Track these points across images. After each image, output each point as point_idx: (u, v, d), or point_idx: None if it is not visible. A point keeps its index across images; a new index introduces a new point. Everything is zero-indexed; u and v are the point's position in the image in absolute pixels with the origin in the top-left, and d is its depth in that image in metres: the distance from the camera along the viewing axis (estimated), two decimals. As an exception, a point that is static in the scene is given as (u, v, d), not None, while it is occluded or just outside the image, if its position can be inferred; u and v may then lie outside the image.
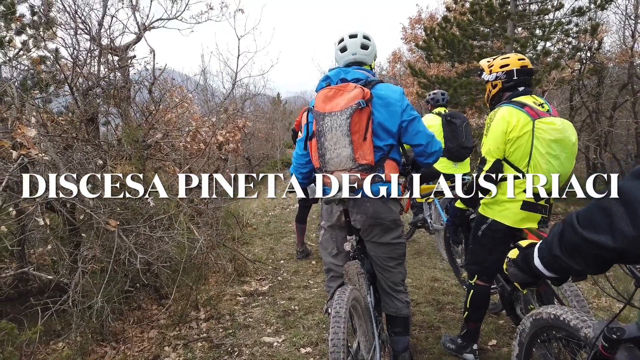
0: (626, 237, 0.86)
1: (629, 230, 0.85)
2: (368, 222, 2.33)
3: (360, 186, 2.23)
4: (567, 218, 1.04)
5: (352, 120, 2.14)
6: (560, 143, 2.42)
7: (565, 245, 1.03)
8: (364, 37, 2.45)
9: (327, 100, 2.23)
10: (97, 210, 2.98)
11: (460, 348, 2.88)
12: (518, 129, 2.44)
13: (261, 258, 5.32)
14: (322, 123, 2.21)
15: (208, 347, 3.32)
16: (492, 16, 10.21)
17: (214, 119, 6.46)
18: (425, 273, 4.62)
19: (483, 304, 2.80)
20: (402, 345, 2.46)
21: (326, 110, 2.20)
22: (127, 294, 3.77)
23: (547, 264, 1.13)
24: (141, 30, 5.19)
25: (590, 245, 0.94)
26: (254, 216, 8.73)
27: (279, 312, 3.80)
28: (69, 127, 3.59)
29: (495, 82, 2.68)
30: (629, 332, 1.30)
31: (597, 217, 0.93)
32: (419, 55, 14.19)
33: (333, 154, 2.21)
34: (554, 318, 1.76)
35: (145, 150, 4.32)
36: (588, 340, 1.55)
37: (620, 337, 1.29)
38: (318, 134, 2.23)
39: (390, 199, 2.34)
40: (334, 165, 2.23)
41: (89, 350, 3.45)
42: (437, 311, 3.69)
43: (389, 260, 2.43)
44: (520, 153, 2.48)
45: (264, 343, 3.28)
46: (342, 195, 2.19)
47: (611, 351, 1.33)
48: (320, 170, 2.31)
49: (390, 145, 2.32)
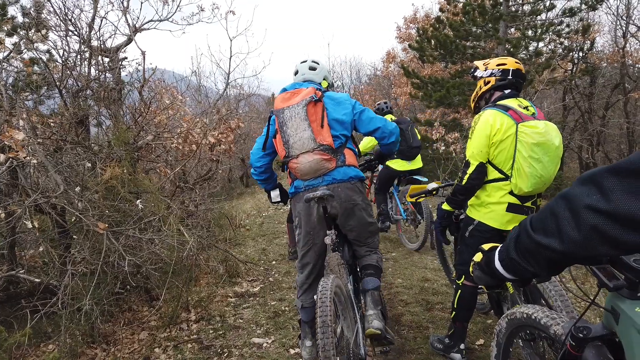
0: (572, 241, 0.91)
1: (574, 234, 0.90)
2: (344, 206, 2.61)
3: (330, 169, 2.59)
4: (523, 222, 1.08)
5: (307, 110, 2.55)
6: (542, 146, 2.43)
7: (520, 248, 1.08)
8: (312, 61, 2.95)
9: (284, 101, 2.65)
10: (86, 212, 2.99)
11: (447, 348, 2.90)
12: (502, 133, 2.46)
13: (253, 259, 5.34)
14: (282, 116, 2.59)
15: (198, 349, 3.33)
16: (484, 17, 10.26)
17: (206, 120, 6.47)
18: (416, 273, 4.65)
19: (470, 304, 2.82)
20: (372, 284, 2.67)
21: (284, 106, 2.60)
22: (117, 295, 3.78)
23: (506, 267, 1.17)
24: (132, 32, 5.20)
25: (541, 248, 0.99)
26: (248, 217, 8.75)
27: (269, 313, 3.82)
28: (58, 129, 3.59)
29: (489, 78, 2.67)
30: (595, 331, 1.34)
31: (548, 221, 0.97)
32: (413, 55, 14.23)
33: (295, 138, 2.56)
34: (527, 317, 1.79)
35: (136, 152, 4.33)
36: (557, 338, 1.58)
37: (587, 336, 1.33)
38: (280, 127, 2.60)
39: (358, 182, 2.69)
40: (298, 149, 2.56)
41: (79, 352, 3.45)
42: (426, 311, 3.72)
43: (366, 237, 2.79)
44: (504, 156, 2.50)
45: (253, 344, 3.30)
46: (320, 194, 2.44)
47: (578, 349, 1.36)
48: (287, 157, 2.61)
49: (345, 136, 2.68)
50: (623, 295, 1.23)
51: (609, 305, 1.29)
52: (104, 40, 4.64)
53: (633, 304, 1.19)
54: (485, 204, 2.62)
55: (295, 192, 2.73)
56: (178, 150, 4.91)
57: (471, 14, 10.48)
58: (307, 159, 2.55)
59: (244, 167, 16.86)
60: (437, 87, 11.16)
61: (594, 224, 0.86)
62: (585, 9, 10.28)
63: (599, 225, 0.86)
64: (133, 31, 5.27)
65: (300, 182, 2.69)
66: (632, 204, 0.81)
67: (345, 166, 2.64)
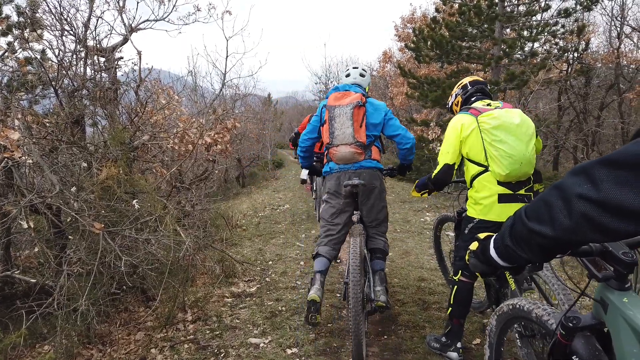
0: (563, 227, 0.97)
1: (565, 221, 0.96)
2: (366, 187, 3.30)
3: (359, 160, 3.28)
4: (518, 211, 1.14)
5: (353, 112, 3.22)
6: (501, 128, 2.63)
7: (514, 236, 1.14)
8: (362, 69, 3.61)
9: (336, 100, 3.31)
10: (82, 213, 2.98)
11: (444, 347, 2.92)
12: (466, 128, 2.72)
13: (250, 259, 5.33)
14: (332, 111, 3.27)
15: (194, 349, 3.32)
16: (480, 17, 10.29)
17: (202, 120, 6.45)
18: (412, 273, 4.66)
19: (466, 300, 2.85)
20: (380, 266, 3.38)
21: (336, 104, 3.27)
22: (113, 296, 3.76)
23: (501, 254, 1.23)
24: (128, 31, 5.18)
25: (534, 235, 1.05)
26: (244, 217, 8.73)
27: (266, 313, 3.82)
28: (54, 129, 3.57)
29: (457, 99, 3.10)
30: (584, 321, 1.40)
31: (541, 210, 1.03)
32: (410, 55, 14.25)
33: (339, 132, 3.24)
34: (513, 308, 1.86)
35: (132, 152, 4.31)
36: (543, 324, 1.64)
37: (576, 326, 1.39)
38: (329, 120, 3.28)
39: (378, 172, 3.37)
40: (340, 140, 3.25)
41: (74, 353, 3.44)
42: (423, 311, 3.73)
43: (379, 222, 3.46)
44: (476, 149, 2.71)
45: (250, 344, 3.29)
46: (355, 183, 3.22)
47: (568, 339, 1.42)
48: (329, 144, 3.31)
49: (375, 136, 3.37)
50: (611, 287, 1.28)
51: (598, 296, 1.34)
52: (99, 40, 4.62)
53: (621, 295, 1.25)
54: (478, 201, 2.73)
55: (329, 171, 3.41)
56: (174, 151, 4.89)
57: (467, 14, 10.51)
58: (345, 149, 3.25)
59: (240, 168, 16.85)
60: (433, 87, 11.17)
61: (584, 211, 0.92)
62: (580, 10, 10.32)
63: (589, 213, 0.91)
64: (129, 31, 5.26)
65: (334, 164, 3.36)
66: (621, 194, 0.86)
67: (371, 159, 3.33)
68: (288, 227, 7.21)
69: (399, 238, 6.27)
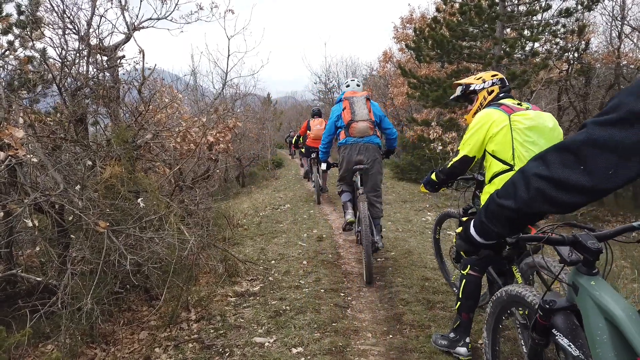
0: (522, 200, 1.19)
1: (524, 195, 1.18)
2: (371, 158, 4.70)
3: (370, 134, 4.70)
4: (492, 193, 1.35)
5: (366, 101, 4.77)
6: (535, 130, 2.60)
7: (487, 213, 1.35)
8: (358, 81, 5.17)
9: (352, 94, 4.84)
10: (87, 211, 2.96)
11: (452, 342, 2.92)
12: (497, 125, 2.67)
13: (252, 258, 5.32)
14: (352, 100, 4.74)
15: (199, 348, 3.31)
16: (480, 17, 10.28)
17: (204, 119, 6.44)
18: (416, 272, 4.65)
19: (474, 294, 2.87)
20: (378, 222, 4.92)
21: (353, 96, 4.78)
22: (116, 295, 3.74)
23: (478, 231, 1.43)
24: (130, 30, 5.16)
25: (502, 209, 1.27)
26: (245, 216, 8.71)
27: (270, 312, 3.80)
28: (57, 127, 3.55)
29: (492, 87, 2.96)
30: (559, 303, 1.60)
31: (509, 188, 1.25)
32: (410, 55, 14.23)
33: (359, 112, 4.68)
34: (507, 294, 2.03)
35: (135, 150, 4.30)
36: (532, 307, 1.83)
37: (552, 307, 1.59)
38: (350, 105, 4.71)
39: (378, 147, 4.82)
40: (360, 117, 4.66)
41: (78, 352, 3.42)
42: (428, 310, 3.72)
43: (376, 189, 4.84)
44: (503, 147, 2.66)
45: (255, 343, 3.28)
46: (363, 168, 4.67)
47: (546, 319, 1.62)
48: (351, 121, 4.66)
49: (377, 123, 4.85)
50: (581, 272, 1.47)
51: (570, 281, 1.53)
52: (102, 39, 4.60)
53: (589, 279, 1.44)
54: None
55: (345, 142, 4.76)
56: (177, 150, 4.88)
57: (468, 14, 10.50)
58: (363, 124, 4.65)
59: (240, 167, 16.83)
60: (434, 87, 11.17)
61: (538, 186, 1.14)
62: (580, 10, 10.32)
63: (541, 188, 1.14)
64: (132, 29, 5.24)
65: (350, 137, 4.70)
66: (565, 172, 1.09)
67: (376, 136, 4.80)
68: (290, 227, 7.19)
69: (401, 237, 6.26)
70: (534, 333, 1.71)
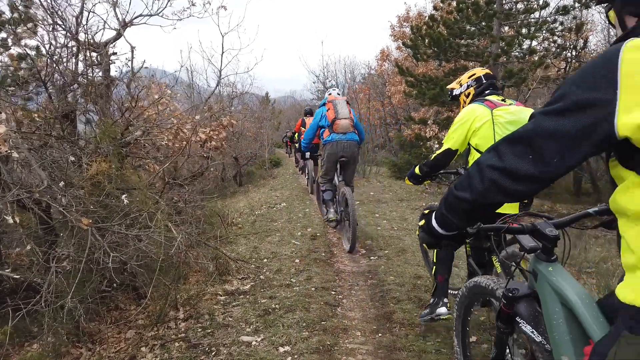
0: (477, 191, 1.23)
1: (479, 186, 1.22)
2: (350, 153, 5.65)
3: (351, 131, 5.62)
4: (451, 185, 1.41)
5: (346, 103, 5.72)
6: (516, 124, 2.68)
7: (446, 205, 1.38)
8: (339, 90, 6.22)
9: (334, 98, 5.73)
10: (70, 208, 2.91)
11: (433, 307, 3.00)
12: (480, 119, 2.77)
13: (244, 257, 5.27)
14: (335, 103, 5.66)
15: (185, 347, 3.26)
16: (478, 15, 10.22)
17: (197, 117, 6.38)
18: (409, 270, 4.60)
19: (448, 258, 3.02)
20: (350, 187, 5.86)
21: (336, 99, 5.71)
22: (103, 294, 3.70)
23: (439, 223, 1.45)
24: (121, 26, 5.11)
25: (459, 200, 1.31)
26: (240, 215, 8.66)
27: (259, 311, 3.75)
28: (42, 123, 3.50)
29: (468, 90, 3.10)
30: (522, 291, 1.63)
31: (465, 181, 1.28)
32: (407, 54, 14.18)
33: (341, 111, 5.57)
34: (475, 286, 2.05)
35: (124, 147, 4.25)
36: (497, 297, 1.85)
37: (515, 295, 1.63)
38: (334, 107, 5.61)
39: (357, 144, 5.74)
40: (342, 115, 5.55)
41: (63, 352, 3.37)
42: (419, 308, 3.66)
43: (352, 178, 6.02)
44: (486, 141, 2.76)
45: (242, 342, 3.23)
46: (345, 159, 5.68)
47: (510, 307, 1.66)
48: (335, 118, 5.53)
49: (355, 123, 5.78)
50: (541, 260, 1.52)
51: (531, 268, 1.59)
52: (92, 35, 4.55)
53: (547, 265, 1.50)
54: None
55: (330, 140, 5.60)
56: (168, 147, 4.83)
57: (465, 12, 10.44)
58: (345, 121, 5.54)
59: (238, 166, 16.76)
60: (431, 85, 11.11)
61: (492, 177, 1.18)
62: (578, 7, 10.27)
63: (494, 178, 1.17)
64: (122, 25, 5.19)
65: (334, 134, 5.55)
66: (516, 162, 1.13)
67: (355, 133, 5.67)
68: (284, 225, 7.14)
69: (396, 236, 6.21)
70: (499, 322, 1.75)
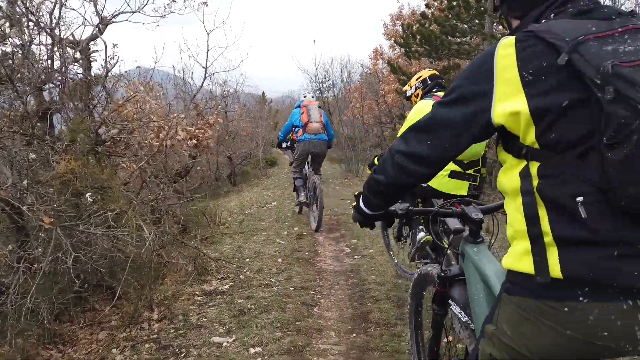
0: (389, 175, 1.34)
1: (391, 170, 1.32)
2: (319, 151, 6.49)
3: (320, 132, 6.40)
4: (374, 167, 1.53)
5: (318, 108, 6.56)
6: None
7: (368, 186, 1.47)
8: (313, 94, 7.54)
9: (310, 103, 6.64)
10: (32, 206, 2.84)
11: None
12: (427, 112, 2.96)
13: (227, 257, 5.20)
14: (309, 107, 6.46)
15: (156, 349, 3.20)
16: (468, 12, 10.15)
17: (182, 115, 6.32)
18: (391, 270, 4.53)
19: None
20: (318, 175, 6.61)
21: (309, 104, 6.55)
22: (77, 294, 3.63)
23: (365, 203, 1.53)
24: (101, 23, 5.04)
25: (376, 183, 1.41)
26: (230, 214, 8.60)
27: (234, 311, 3.68)
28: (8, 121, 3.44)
29: (417, 91, 3.52)
30: (453, 271, 1.75)
31: (382, 165, 1.37)
32: (400, 52, 14.11)
33: (313, 116, 6.36)
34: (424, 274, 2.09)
35: (100, 145, 4.18)
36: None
37: (447, 275, 1.74)
38: (307, 111, 6.40)
39: (326, 143, 6.58)
40: (313, 119, 6.33)
41: (32, 353, 3.31)
42: (397, 308, 3.60)
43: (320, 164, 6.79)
44: None
45: (212, 343, 3.16)
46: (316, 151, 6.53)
47: (443, 287, 1.78)
48: (307, 122, 6.31)
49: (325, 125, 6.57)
50: (468, 242, 1.64)
51: (460, 250, 1.68)
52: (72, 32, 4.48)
53: (473, 246, 1.61)
54: None
55: (303, 139, 6.37)
56: (146, 146, 4.76)
57: (456, 9, 10.37)
58: (316, 124, 6.30)
59: (232, 166, 16.68)
60: (424, 83, 11.02)
61: (399, 162, 1.29)
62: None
63: (401, 162, 1.28)
64: (103, 23, 5.11)
65: (307, 135, 6.33)
66: (418, 147, 1.25)
67: (324, 134, 6.45)
68: (271, 225, 7.07)
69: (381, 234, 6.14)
70: (434, 304, 1.87)
